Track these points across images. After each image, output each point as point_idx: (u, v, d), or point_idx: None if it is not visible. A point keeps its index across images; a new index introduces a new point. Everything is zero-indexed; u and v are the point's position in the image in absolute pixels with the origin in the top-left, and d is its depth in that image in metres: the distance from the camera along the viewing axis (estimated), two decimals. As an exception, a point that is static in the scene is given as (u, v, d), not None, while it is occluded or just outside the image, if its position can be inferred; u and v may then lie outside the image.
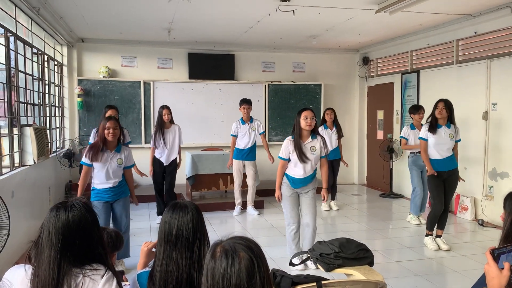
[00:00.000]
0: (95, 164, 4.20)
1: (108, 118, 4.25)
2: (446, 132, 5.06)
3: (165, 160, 6.22)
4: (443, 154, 5.05)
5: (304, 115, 4.29)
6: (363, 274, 2.91)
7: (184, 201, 1.98)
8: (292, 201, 4.51)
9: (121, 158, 4.28)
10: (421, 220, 6.33)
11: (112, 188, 4.29)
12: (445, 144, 5.04)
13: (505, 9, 5.82)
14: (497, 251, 1.52)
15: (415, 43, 7.92)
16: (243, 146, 6.80)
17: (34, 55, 6.25)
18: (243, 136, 6.80)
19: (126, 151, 4.36)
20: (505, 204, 1.92)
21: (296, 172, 4.43)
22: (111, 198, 4.31)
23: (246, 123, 6.84)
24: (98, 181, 4.26)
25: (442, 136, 5.04)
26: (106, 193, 4.29)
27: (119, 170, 4.30)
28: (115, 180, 4.27)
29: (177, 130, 6.27)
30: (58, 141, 7.90)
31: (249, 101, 6.88)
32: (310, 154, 4.37)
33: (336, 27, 7.22)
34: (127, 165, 4.38)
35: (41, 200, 5.91)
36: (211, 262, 1.36)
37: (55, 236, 1.68)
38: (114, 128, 4.16)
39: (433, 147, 5.08)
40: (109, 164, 4.21)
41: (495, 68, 6.20)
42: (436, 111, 5.05)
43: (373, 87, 9.48)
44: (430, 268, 4.66)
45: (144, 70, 8.70)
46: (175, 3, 5.62)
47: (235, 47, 8.94)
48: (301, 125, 4.31)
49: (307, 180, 4.49)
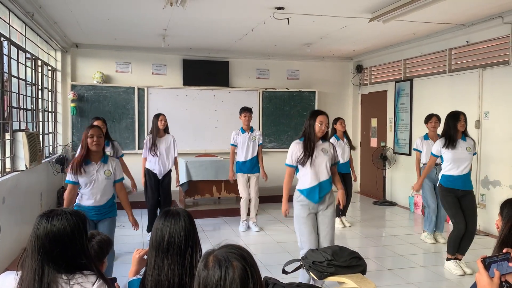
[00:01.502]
0: (80, 179, 3.70)
1: (91, 126, 3.79)
2: (463, 146, 4.67)
3: (158, 171, 5.83)
4: (462, 170, 4.65)
5: (320, 120, 3.88)
6: (355, 282, 2.91)
7: (177, 208, 1.97)
8: (310, 223, 3.88)
9: (109, 170, 3.79)
10: (437, 239, 5.84)
11: (99, 206, 3.80)
12: (465, 159, 4.64)
13: (497, 19, 5.89)
14: (488, 260, 1.54)
15: (409, 51, 7.98)
16: (244, 158, 6.36)
17: (27, 60, 6.22)
18: (243, 146, 6.35)
19: (114, 162, 3.88)
20: (502, 211, 1.94)
21: (309, 181, 3.90)
22: (95, 217, 3.81)
23: (246, 132, 6.40)
24: (85, 197, 3.78)
25: (460, 150, 4.64)
26: (91, 211, 3.76)
27: (108, 183, 3.80)
28: (103, 197, 3.79)
29: (171, 140, 5.92)
30: (51, 146, 7.85)
31: (250, 109, 6.49)
32: (323, 155, 3.93)
33: (330, 35, 7.27)
34: (116, 178, 3.88)
35: (33, 206, 5.86)
36: (204, 272, 1.33)
37: (36, 244, 1.70)
38: (98, 136, 3.70)
39: (452, 162, 4.66)
40: (95, 177, 3.72)
41: (487, 77, 6.26)
42: (459, 124, 4.63)
43: (367, 95, 9.53)
44: (423, 276, 4.67)
45: (138, 76, 8.69)
46: (170, 10, 5.63)
47: (230, 54, 8.96)
48: (315, 130, 3.87)
49: (324, 188, 3.91)
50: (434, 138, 5.82)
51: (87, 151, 3.70)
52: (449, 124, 4.71)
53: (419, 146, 5.96)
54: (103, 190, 3.77)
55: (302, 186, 3.93)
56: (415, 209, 7.64)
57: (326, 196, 3.93)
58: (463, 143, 4.69)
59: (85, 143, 3.69)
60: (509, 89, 5.90)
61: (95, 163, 3.75)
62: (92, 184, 3.72)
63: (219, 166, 7.28)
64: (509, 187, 5.89)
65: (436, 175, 5.70)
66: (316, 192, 3.88)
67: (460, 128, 4.66)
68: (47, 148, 7.50)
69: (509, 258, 1.56)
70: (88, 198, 3.76)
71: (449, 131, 4.69)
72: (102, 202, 3.81)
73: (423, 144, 5.92)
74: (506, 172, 5.97)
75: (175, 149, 5.95)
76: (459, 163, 4.65)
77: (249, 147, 6.38)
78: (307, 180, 3.90)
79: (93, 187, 3.73)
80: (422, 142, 5.94)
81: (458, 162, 4.65)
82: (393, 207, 8.16)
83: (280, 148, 9.16)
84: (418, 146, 5.97)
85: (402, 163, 8.26)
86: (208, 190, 7.38)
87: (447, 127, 4.73)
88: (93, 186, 3.73)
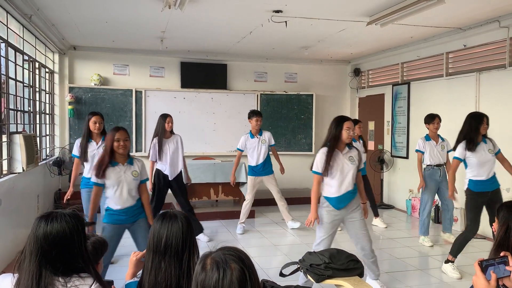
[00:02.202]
0: (107, 181, 3.68)
1: (117, 128, 3.71)
2: (485, 148, 4.60)
3: (170, 173, 5.73)
4: (489, 174, 4.61)
5: (347, 126, 3.86)
6: (352, 285, 2.90)
7: (174, 211, 1.97)
8: (331, 228, 3.94)
9: (136, 170, 3.76)
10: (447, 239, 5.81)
11: (129, 207, 3.76)
12: (489, 161, 4.59)
13: (494, 23, 5.92)
14: (485, 263, 1.54)
15: (406, 55, 8.01)
16: (255, 163, 6.34)
17: (25, 62, 6.22)
18: (253, 151, 6.32)
19: (140, 163, 3.85)
20: (499, 214, 1.95)
21: (335, 189, 3.91)
22: (128, 220, 3.76)
23: (255, 136, 6.37)
24: (113, 201, 3.73)
25: (483, 154, 4.59)
26: (124, 214, 3.73)
27: (135, 184, 3.76)
28: (132, 199, 3.75)
29: (178, 140, 5.84)
30: (48, 148, 7.83)
31: (261, 113, 6.49)
32: (350, 164, 3.91)
33: (328, 39, 7.29)
34: (143, 179, 3.85)
35: (29, 208, 5.84)
36: (202, 274, 1.33)
37: (35, 246, 1.69)
38: (125, 139, 3.66)
39: (478, 168, 4.59)
40: (124, 178, 3.69)
41: (484, 81, 6.28)
42: (482, 127, 4.57)
43: (364, 98, 9.55)
44: (420, 279, 4.67)
45: (136, 79, 8.69)
46: (168, 12, 5.63)
47: (228, 56, 8.97)
48: (343, 137, 3.86)
49: (349, 196, 3.93)
50: (435, 138, 5.82)
51: (111, 153, 3.67)
52: (471, 125, 4.60)
53: (421, 147, 5.87)
54: (130, 191, 3.74)
55: (329, 194, 3.94)
56: (413, 212, 7.64)
57: (351, 202, 3.95)
58: (485, 146, 4.62)
59: (111, 146, 3.65)
60: (506, 93, 5.92)
61: (122, 165, 3.72)
62: (120, 185, 3.69)
63: (216, 169, 7.28)
64: (506, 191, 5.90)
65: (440, 177, 5.77)
66: (342, 201, 3.91)
67: (483, 131, 4.58)
68: (44, 150, 7.48)
69: (506, 261, 1.57)
70: (117, 202, 3.71)
71: (470, 133, 4.59)
72: (131, 204, 3.76)
73: (425, 145, 5.84)
74: (503, 175, 5.97)
75: (183, 149, 5.90)
76: (485, 167, 4.58)
77: (260, 151, 6.36)
78: (333, 189, 3.90)
79: (121, 189, 3.69)
80: (424, 143, 5.86)
81: (484, 166, 4.58)
82: (390, 210, 8.17)
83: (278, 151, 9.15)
84: (420, 147, 5.88)
85: (400, 166, 8.27)
86: (206, 192, 7.37)
87: (468, 128, 4.62)
88: (121, 187, 3.69)
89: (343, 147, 3.93)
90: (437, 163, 5.79)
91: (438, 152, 5.80)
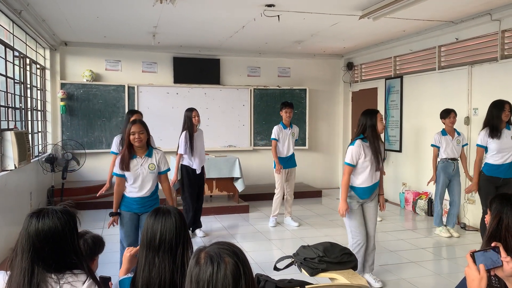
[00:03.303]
0: (126, 173, 3.78)
1: (133, 122, 3.80)
2: (507, 135, 4.70)
3: (198, 166, 5.74)
4: (506, 159, 4.72)
5: (380, 117, 3.93)
6: (346, 278, 2.92)
7: (167, 206, 1.96)
8: (360, 215, 4.07)
9: (153, 163, 3.82)
10: (452, 233, 5.88)
11: (143, 198, 3.85)
12: (510, 148, 4.71)
13: (485, 16, 5.95)
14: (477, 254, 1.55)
15: (399, 48, 8.02)
16: (286, 153, 6.41)
17: (15, 58, 6.15)
18: (284, 142, 6.39)
19: (158, 154, 3.89)
20: (491, 206, 1.96)
21: (366, 181, 3.98)
22: (139, 210, 3.87)
23: (287, 127, 6.44)
24: (128, 190, 3.86)
25: (505, 140, 4.71)
26: (135, 203, 3.85)
27: (151, 177, 3.83)
28: (146, 190, 3.83)
29: (202, 135, 5.97)
30: (40, 145, 7.78)
31: (292, 104, 6.53)
32: (379, 158, 4.00)
33: (321, 33, 7.28)
34: (161, 170, 3.90)
35: (22, 205, 5.81)
36: (196, 268, 1.33)
37: (26, 243, 1.68)
38: (140, 132, 3.72)
39: (497, 152, 4.72)
40: (140, 171, 3.78)
41: (476, 74, 6.31)
42: (503, 114, 4.67)
43: (357, 92, 9.56)
44: (413, 270, 4.70)
45: (128, 74, 8.64)
46: (160, 7, 5.60)
47: (221, 51, 8.94)
48: (379, 129, 3.91)
49: (375, 187, 4.08)
50: (451, 133, 5.85)
51: (130, 146, 3.77)
52: (493, 113, 4.73)
53: (437, 142, 5.88)
54: (146, 183, 3.83)
55: (357, 184, 4.02)
56: (406, 205, 7.69)
57: (374, 193, 4.11)
58: (508, 132, 4.73)
59: (128, 140, 3.74)
60: (497, 86, 5.96)
61: (140, 157, 3.80)
62: (137, 178, 3.79)
63: (210, 164, 7.26)
64: None
65: (453, 171, 5.83)
66: (368, 191, 4.04)
67: (505, 118, 4.69)
68: (36, 147, 7.43)
69: (497, 251, 1.58)
70: (131, 191, 3.84)
71: (492, 120, 4.72)
72: (146, 194, 3.86)
73: (441, 140, 5.85)
74: None
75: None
76: (504, 152, 4.72)
77: (290, 143, 6.46)
78: (362, 179, 3.99)
79: (137, 181, 3.80)
80: (440, 137, 5.87)
81: (503, 151, 4.72)
82: (384, 204, 8.19)
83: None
84: (436, 142, 5.89)
85: (393, 159, 8.31)
86: (200, 188, 7.35)
87: (490, 116, 4.75)
88: (137, 180, 3.79)
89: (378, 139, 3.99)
90: (451, 157, 5.83)
91: (454, 147, 5.83)
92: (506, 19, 5.76)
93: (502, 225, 1.87)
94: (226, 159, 7.39)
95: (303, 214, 7.25)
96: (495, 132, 4.68)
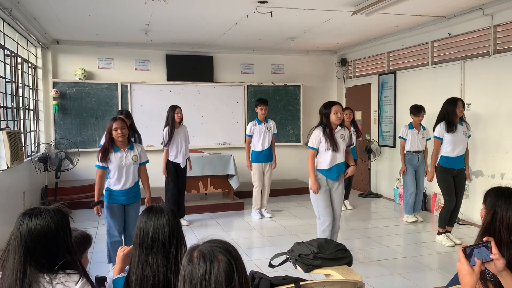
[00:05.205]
0: (110, 165, 4.16)
1: (114, 119, 4.20)
2: (460, 129, 5.13)
3: (182, 161, 6.14)
4: (459, 152, 5.14)
5: (335, 109, 4.42)
6: (341, 274, 2.92)
7: (160, 205, 1.95)
8: (326, 197, 4.52)
9: (136, 155, 4.25)
10: (417, 217, 6.42)
11: (129, 189, 4.24)
12: (462, 142, 5.14)
13: (478, 11, 5.96)
14: (469, 249, 1.55)
15: (392, 44, 8.03)
16: (261, 148, 6.66)
17: (6, 57, 6.10)
18: (259, 137, 6.66)
19: (139, 147, 4.36)
20: (486, 199, 1.97)
21: (327, 163, 4.46)
22: (126, 201, 4.26)
23: (262, 123, 6.71)
24: (114, 183, 4.20)
25: (458, 134, 5.12)
26: (122, 195, 4.23)
27: (135, 168, 4.25)
28: (130, 181, 4.23)
29: (186, 131, 6.27)
30: (33, 145, 7.73)
31: (267, 101, 6.82)
32: (342, 142, 4.49)
33: (314, 29, 7.27)
34: (142, 161, 4.34)
35: (15, 205, 5.77)
36: (189, 266, 1.33)
37: (19, 242, 1.67)
38: (122, 128, 4.12)
39: (452, 145, 5.12)
40: (124, 162, 4.17)
41: (468, 69, 6.33)
42: (458, 110, 5.07)
43: (351, 88, 9.57)
44: (408, 266, 4.73)
45: (121, 72, 8.59)
46: (152, 5, 5.56)
47: (214, 48, 8.91)
48: (332, 120, 4.43)
49: (340, 168, 4.51)
50: (417, 127, 6.33)
51: (111, 140, 4.15)
52: (448, 109, 5.11)
53: (404, 134, 6.35)
54: (130, 174, 4.22)
55: (322, 167, 4.49)
56: (400, 200, 7.71)
57: (340, 176, 4.56)
58: (461, 127, 5.15)
59: (110, 135, 4.13)
60: (490, 81, 5.98)
61: (123, 150, 4.20)
62: (121, 169, 4.17)
63: (205, 162, 7.25)
64: (491, 177, 5.99)
65: (418, 162, 6.35)
66: (334, 172, 4.49)
67: (459, 113, 5.09)
68: (29, 146, 7.38)
69: (489, 246, 1.58)
70: (117, 183, 4.19)
71: (447, 116, 5.11)
72: (130, 186, 4.24)
73: (408, 132, 6.32)
74: (488, 162, 6.06)
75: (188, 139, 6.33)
76: (457, 144, 5.12)
77: (265, 137, 6.69)
78: (327, 162, 4.46)
79: (122, 172, 4.18)
80: (407, 130, 6.34)
81: (456, 144, 5.12)
82: (378, 199, 8.24)
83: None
84: (403, 134, 6.36)
85: (387, 155, 8.34)
86: (195, 186, 7.34)
87: (445, 112, 5.13)
88: (121, 171, 4.17)
89: (335, 127, 4.48)
90: (416, 150, 6.30)
91: (419, 140, 6.32)
92: (498, 13, 5.77)
93: (497, 218, 1.87)
94: (221, 157, 7.37)
95: (297, 211, 7.26)
96: (452, 126, 5.07)
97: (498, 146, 5.91)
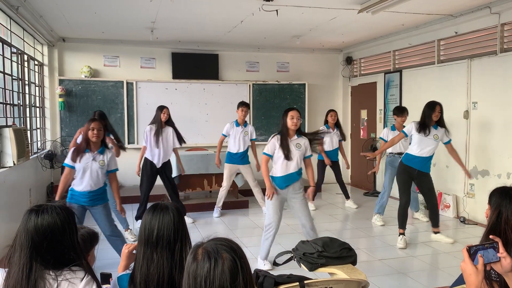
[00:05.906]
0: (77, 165, 4.09)
1: (93, 119, 4.17)
2: (432, 133, 5.13)
3: (157, 161, 5.97)
4: (423, 153, 5.14)
5: (291, 115, 4.38)
6: (346, 273, 2.92)
7: (165, 202, 1.96)
8: (277, 204, 4.50)
9: (103, 160, 4.16)
10: (421, 217, 6.49)
11: (90, 192, 4.15)
12: (428, 144, 5.12)
13: (485, 9, 5.92)
14: (474, 249, 1.54)
15: (398, 43, 8.00)
16: (236, 150, 6.61)
17: (13, 54, 6.13)
18: (235, 138, 6.60)
19: (109, 153, 4.25)
20: (491, 199, 1.95)
21: (280, 171, 4.44)
22: (87, 203, 4.17)
23: (240, 126, 6.64)
24: (76, 183, 4.15)
25: (428, 137, 5.11)
26: (83, 197, 4.14)
27: (100, 172, 4.16)
28: (95, 184, 4.15)
29: (170, 132, 6.09)
30: (39, 142, 7.77)
31: (248, 104, 6.83)
32: (296, 150, 4.43)
33: (320, 27, 7.25)
34: (110, 169, 4.26)
35: (21, 202, 5.80)
36: (193, 264, 1.33)
37: (25, 239, 1.67)
38: (99, 129, 4.08)
39: (417, 144, 5.15)
40: (90, 165, 4.10)
41: (475, 68, 6.29)
42: (434, 115, 5.07)
43: (357, 86, 9.54)
44: (413, 265, 4.71)
45: (127, 70, 8.61)
46: (158, 3, 5.57)
47: (219, 46, 8.91)
48: (288, 125, 4.38)
49: (292, 178, 4.45)
50: (400, 129, 6.17)
51: (88, 141, 4.10)
52: (425, 113, 5.14)
53: (385, 136, 6.31)
54: (95, 178, 4.14)
55: (274, 174, 4.50)
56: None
57: (293, 185, 4.48)
58: (433, 131, 5.14)
59: (86, 135, 4.08)
60: (497, 80, 5.94)
61: (92, 153, 4.13)
62: (86, 171, 4.10)
63: (209, 160, 7.25)
64: (497, 176, 5.96)
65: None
66: (283, 181, 4.45)
67: (434, 118, 5.09)
68: (35, 143, 7.42)
69: (496, 246, 1.57)
70: (80, 184, 4.12)
71: (424, 118, 5.13)
72: (91, 189, 4.15)
73: (389, 135, 6.23)
74: (494, 162, 6.03)
75: (174, 140, 6.12)
76: (422, 145, 5.12)
77: (241, 141, 6.63)
78: (278, 170, 4.46)
79: (86, 174, 4.10)
80: (388, 132, 6.31)
81: (421, 144, 5.13)
82: (383, 198, 8.20)
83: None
84: (384, 136, 6.32)
85: (392, 154, 8.29)
86: (199, 183, 7.36)
87: (423, 115, 5.15)
88: (86, 172, 4.10)
89: (292, 134, 4.45)
90: (398, 152, 6.24)
91: (401, 143, 6.13)
92: (506, 12, 5.73)
93: (502, 218, 1.86)
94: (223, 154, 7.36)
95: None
96: (425, 129, 5.08)
97: (504, 146, 5.87)
